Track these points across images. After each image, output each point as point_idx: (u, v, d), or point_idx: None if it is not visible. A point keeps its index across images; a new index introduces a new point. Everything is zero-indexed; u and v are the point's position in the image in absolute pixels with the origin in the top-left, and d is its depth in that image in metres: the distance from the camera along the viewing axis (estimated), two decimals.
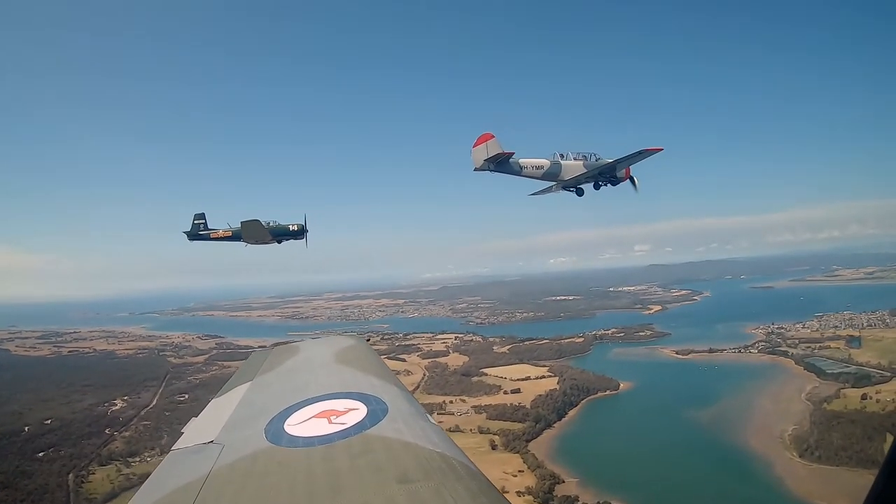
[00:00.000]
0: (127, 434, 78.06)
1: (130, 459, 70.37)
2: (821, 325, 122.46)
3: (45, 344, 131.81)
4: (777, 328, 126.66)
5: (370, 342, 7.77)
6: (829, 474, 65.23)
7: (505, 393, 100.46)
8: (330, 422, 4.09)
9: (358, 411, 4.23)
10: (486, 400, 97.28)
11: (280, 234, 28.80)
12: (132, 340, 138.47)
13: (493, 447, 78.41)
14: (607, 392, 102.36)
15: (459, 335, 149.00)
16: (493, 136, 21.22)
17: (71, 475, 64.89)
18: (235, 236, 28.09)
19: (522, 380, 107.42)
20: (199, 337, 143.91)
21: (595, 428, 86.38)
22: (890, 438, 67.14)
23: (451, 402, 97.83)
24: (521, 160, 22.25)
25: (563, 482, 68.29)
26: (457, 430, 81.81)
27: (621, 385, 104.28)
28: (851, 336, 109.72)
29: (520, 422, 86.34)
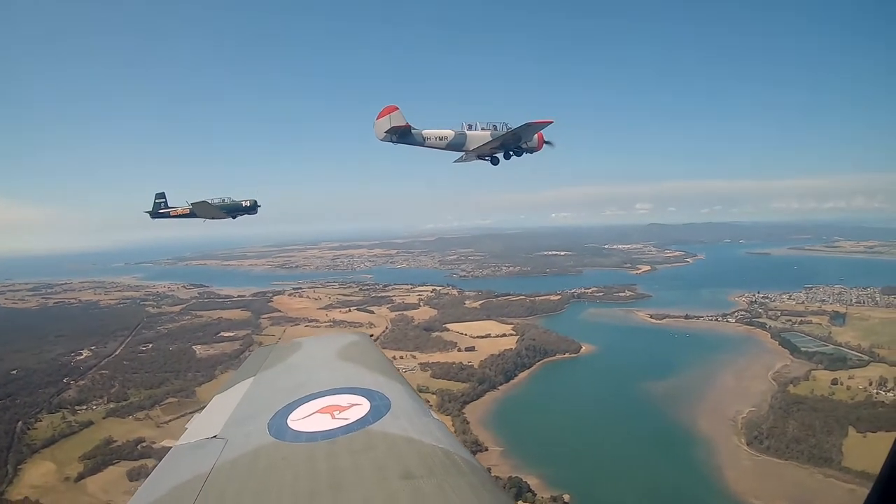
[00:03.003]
0: (82, 383, 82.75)
1: (78, 407, 75.02)
2: (808, 297, 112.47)
3: (35, 296, 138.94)
4: (762, 297, 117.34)
5: (374, 339, 7.83)
6: (774, 469, 60.15)
7: (459, 350, 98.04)
8: (333, 417, 4.11)
9: (361, 407, 4.26)
10: (437, 357, 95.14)
11: (233, 210, 31.21)
12: (118, 290, 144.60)
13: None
14: (566, 355, 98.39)
15: (438, 288, 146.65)
16: (396, 109, 21.51)
17: (20, 423, 69.63)
18: (192, 213, 30.50)
19: (482, 337, 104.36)
20: (183, 286, 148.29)
21: (541, 394, 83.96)
22: (853, 433, 61.23)
23: (401, 357, 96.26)
24: (424, 131, 22.40)
25: (486, 450, 66.95)
26: None
27: (583, 348, 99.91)
28: (836, 312, 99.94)
29: (463, 382, 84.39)
